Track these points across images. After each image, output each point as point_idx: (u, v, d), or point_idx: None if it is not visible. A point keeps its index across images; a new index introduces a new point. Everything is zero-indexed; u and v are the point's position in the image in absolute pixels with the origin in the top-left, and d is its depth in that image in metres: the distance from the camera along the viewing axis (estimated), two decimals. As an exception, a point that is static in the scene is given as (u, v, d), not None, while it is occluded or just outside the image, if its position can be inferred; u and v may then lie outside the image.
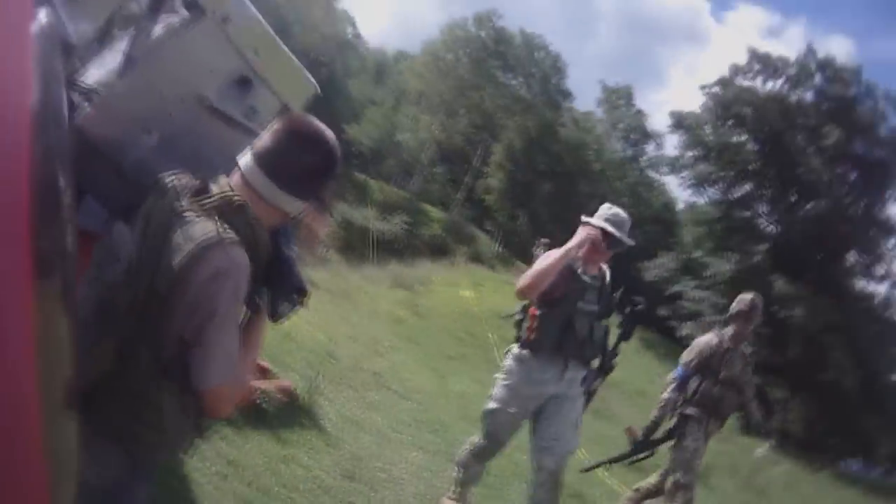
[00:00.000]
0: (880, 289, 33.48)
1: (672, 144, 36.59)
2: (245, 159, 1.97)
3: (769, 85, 34.48)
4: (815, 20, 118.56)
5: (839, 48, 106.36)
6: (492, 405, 4.55)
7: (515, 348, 4.55)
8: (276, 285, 2.07)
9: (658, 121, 35.83)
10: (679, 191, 36.59)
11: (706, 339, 5.97)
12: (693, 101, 32.76)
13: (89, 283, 1.89)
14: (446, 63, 32.70)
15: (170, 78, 2.53)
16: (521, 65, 34.96)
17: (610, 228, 4.36)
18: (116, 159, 2.40)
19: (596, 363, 4.56)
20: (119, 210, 2.22)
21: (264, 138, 1.97)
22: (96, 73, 2.56)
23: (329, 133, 2.02)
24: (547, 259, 4.32)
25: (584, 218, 4.52)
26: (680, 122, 35.94)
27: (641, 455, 5.99)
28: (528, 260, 18.74)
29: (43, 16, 1.11)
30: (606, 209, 4.51)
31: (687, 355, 6.01)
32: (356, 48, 31.93)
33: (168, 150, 2.44)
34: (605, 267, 4.56)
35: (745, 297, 5.98)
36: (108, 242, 1.99)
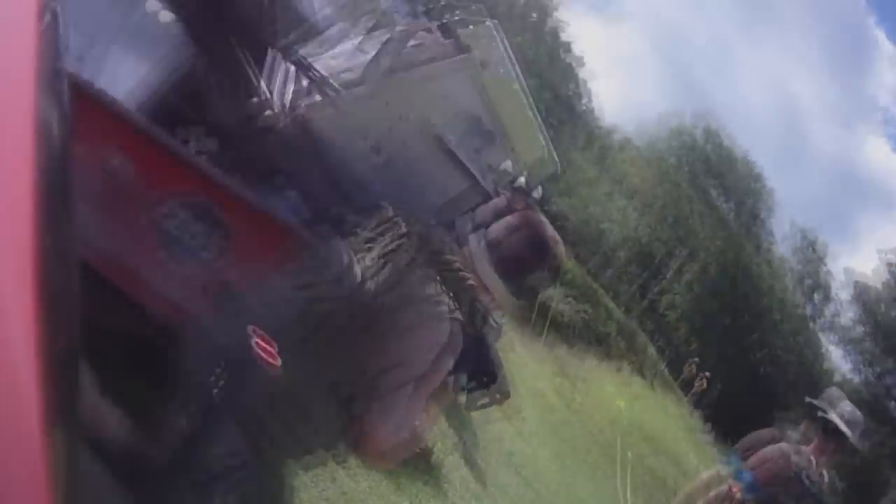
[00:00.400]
0: None
1: (848, 314, 34.38)
2: (478, 242, 2.02)
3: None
4: None
5: None
6: None
7: None
8: (471, 366, 2.14)
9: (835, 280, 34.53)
10: (841, 361, 34.05)
11: None
12: (877, 275, 32.38)
13: (295, 286, 1.89)
14: (667, 165, 32.27)
15: (413, 103, 2.41)
16: (736, 191, 33.98)
17: (845, 430, 3.84)
18: (335, 164, 2.30)
19: None
20: (322, 215, 2.19)
21: (500, 230, 2.02)
22: (332, 62, 2.45)
23: (560, 246, 2.10)
24: None
25: (820, 415, 3.97)
26: (861, 294, 34.56)
27: None
28: (687, 388, 17.88)
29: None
30: (846, 407, 3.97)
31: None
32: (587, 121, 31.89)
33: (390, 175, 2.32)
34: (825, 472, 3.96)
35: None
36: (321, 252, 2.01)
